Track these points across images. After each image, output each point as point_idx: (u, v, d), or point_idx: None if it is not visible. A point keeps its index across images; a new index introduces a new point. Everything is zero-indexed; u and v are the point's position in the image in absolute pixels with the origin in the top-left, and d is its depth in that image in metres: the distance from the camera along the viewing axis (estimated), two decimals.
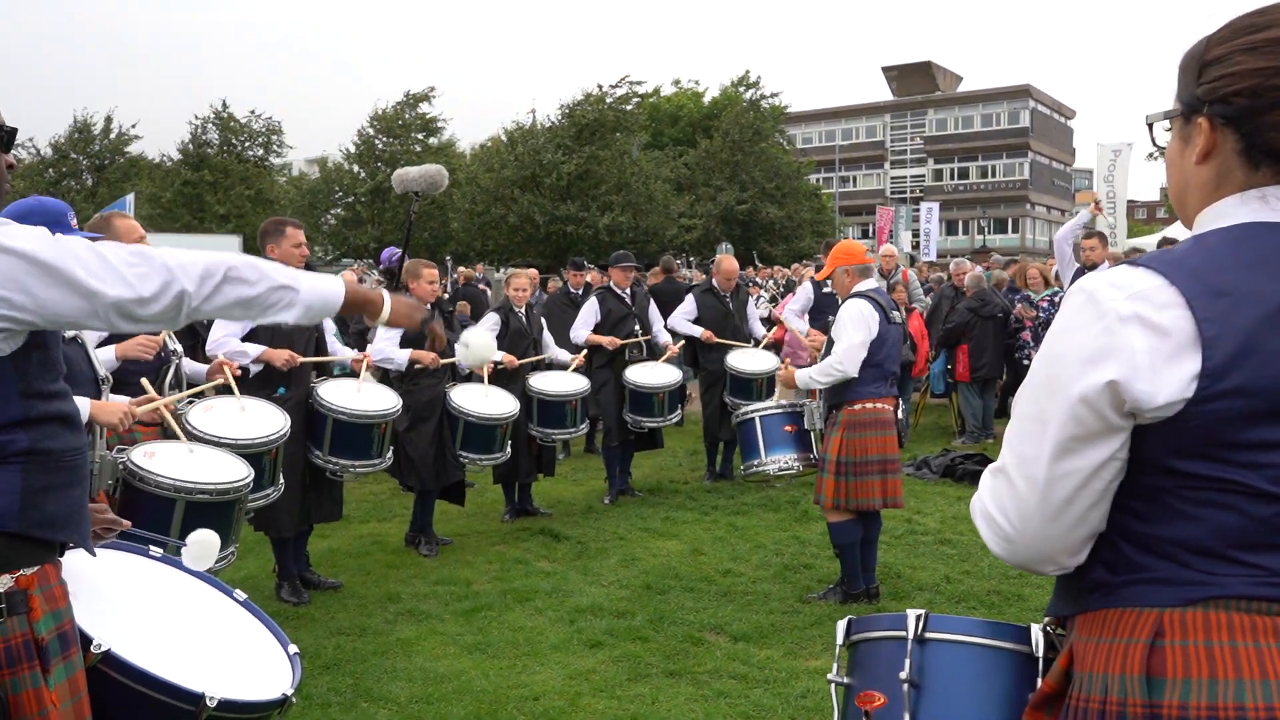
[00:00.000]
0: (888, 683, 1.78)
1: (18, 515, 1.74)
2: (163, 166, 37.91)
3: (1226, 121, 1.31)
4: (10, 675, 1.71)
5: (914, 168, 60.83)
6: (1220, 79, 1.31)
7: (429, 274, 6.31)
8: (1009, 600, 5.14)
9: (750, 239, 36.92)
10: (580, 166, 33.72)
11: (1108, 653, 1.30)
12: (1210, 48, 1.34)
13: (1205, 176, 1.35)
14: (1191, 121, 1.35)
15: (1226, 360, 1.22)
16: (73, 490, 1.85)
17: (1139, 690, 1.25)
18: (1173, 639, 1.25)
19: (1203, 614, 1.25)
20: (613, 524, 6.86)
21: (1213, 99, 1.31)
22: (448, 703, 4.00)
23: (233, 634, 2.44)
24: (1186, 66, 1.37)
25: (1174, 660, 1.24)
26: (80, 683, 1.86)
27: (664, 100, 47.52)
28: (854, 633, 1.92)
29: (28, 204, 3.56)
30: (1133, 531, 1.32)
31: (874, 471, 4.99)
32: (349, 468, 5.28)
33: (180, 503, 3.44)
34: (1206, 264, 1.27)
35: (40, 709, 1.73)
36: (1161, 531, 1.29)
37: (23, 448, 1.74)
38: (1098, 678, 1.30)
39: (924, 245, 29.72)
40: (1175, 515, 1.28)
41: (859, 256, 5.29)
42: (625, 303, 7.76)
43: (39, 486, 1.76)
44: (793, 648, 4.55)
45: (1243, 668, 1.20)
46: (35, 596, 1.76)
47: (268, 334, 5.06)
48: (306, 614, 5.04)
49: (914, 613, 1.79)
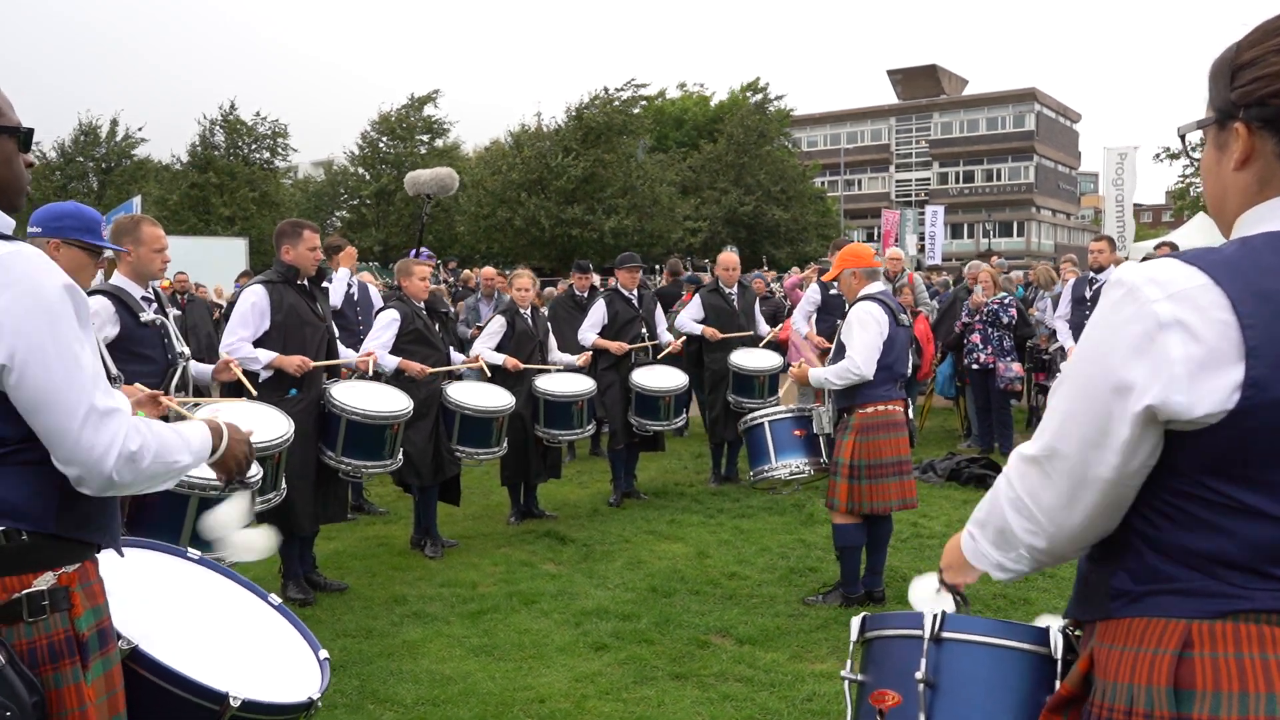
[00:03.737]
0: (903, 682, 1.76)
1: (55, 517, 1.77)
2: (170, 169, 38.02)
3: (1264, 124, 1.28)
4: (53, 670, 1.73)
5: (919, 171, 60.82)
6: (1254, 81, 1.28)
7: (420, 271, 6.34)
8: (1014, 604, 5.13)
9: (755, 242, 36.96)
10: (586, 169, 33.79)
11: (1133, 662, 1.28)
12: (1241, 52, 1.31)
13: (1245, 182, 1.32)
14: (1227, 128, 1.33)
15: (1271, 370, 1.18)
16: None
17: (1166, 702, 1.22)
18: (1201, 650, 1.22)
19: (1232, 626, 1.22)
20: (618, 527, 6.86)
21: (1248, 103, 1.28)
22: (454, 704, 4.00)
23: (264, 636, 2.46)
24: (1218, 73, 1.35)
25: (1203, 672, 1.21)
26: (116, 678, 1.89)
27: (669, 103, 47.58)
28: (868, 630, 1.90)
29: (64, 209, 3.58)
30: (1161, 541, 1.29)
31: (890, 474, 4.98)
32: (361, 468, 5.30)
33: (194, 499, 3.46)
34: (1253, 266, 1.22)
35: (80, 704, 1.75)
36: (1191, 543, 1.26)
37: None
38: (1123, 687, 1.28)
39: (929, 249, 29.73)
40: (1206, 526, 1.25)
41: (867, 259, 5.27)
42: (632, 305, 7.76)
43: (74, 490, 1.78)
44: (798, 651, 4.55)
45: (1274, 681, 1.18)
46: (76, 593, 1.78)
47: (279, 338, 5.08)
48: (312, 616, 5.04)
49: (931, 611, 1.77)
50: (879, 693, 1.80)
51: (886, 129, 62.09)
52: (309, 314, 5.23)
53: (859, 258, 5.26)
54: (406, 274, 6.32)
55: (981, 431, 9.58)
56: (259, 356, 4.97)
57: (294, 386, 5.09)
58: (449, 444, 6.14)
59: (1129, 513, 1.33)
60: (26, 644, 1.71)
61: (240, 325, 5.02)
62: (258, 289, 5.13)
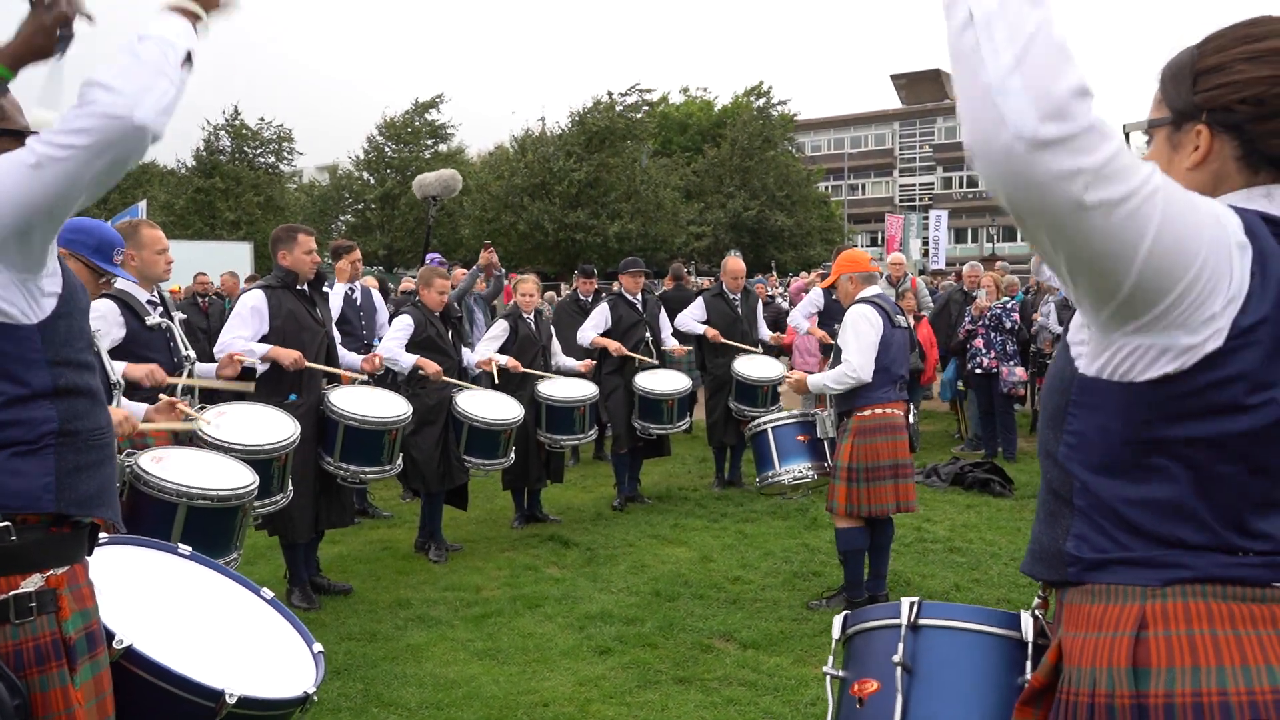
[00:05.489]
0: (882, 669, 1.82)
1: (55, 496, 1.77)
2: (176, 174, 38.09)
3: (1226, 128, 1.33)
4: (39, 673, 1.73)
5: (923, 175, 60.76)
6: (1220, 87, 1.33)
7: (440, 284, 6.36)
8: (1018, 609, 5.12)
9: (759, 246, 36.98)
10: (590, 174, 33.82)
11: (1094, 647, 1.32)
12: (1204, 57, 1.36)
13: (1200, 181, 1.36)
14: (1184, 128, 1.38)
15: (1254, 322, 1.22)
16: (104, 468, 1.87)
17: (1126, 681, 1.27)
18: (1156, 630, 1.28)
19: (1183, 604, 1.27)
20: (622, 531, 6.86)
21: (1213, 107, 1.34)
22: (458, 708, 4.01)
23: (258, 632, 2.47)
24: (1177, 75, 1.39)
25: (1158, 650, 1.27)
26: (105, 681, 1.89)
27: (672, 108, 47.63)
28: (850, 625, 1.96)
29: (85, 224, 3.59)
30: (1118, 499, 1.33)
31: (886, 476, 4.99)
32: (360, 474, 5.31)
33: (182, 508, 3.46)
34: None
35: (66, 707, 1.75)
36: (1143, 496, 1.31)
37: (53, 429, 1.77)
38: (1086, 672, 1.33)
39: (933, 253, 29.72)
40: (1156, 483, 1.30)
41: (863, 265, 5.30)
42: (636, 309, 7.77)
43: (71, 467, 1.79)
44: (802, 655, 4.55)
45: (1224, 655, 1.24)
46: (64, 596, 1.78)
47: (278, 342, 5.09)
48: (317, 619, 5.05)
49: (908, 600, 1.83)
50: (859, 681, 1.85)
51: (890, 133, 62.05)
52: (308, 319, 5.25)
53: (855, 263, 5.30)
54: (427, 283, 6.35)
55: (985, 436, 9.57)
56: (255, 349, 4.98)
57: (293, 391, 5.10)
58: (458, 452, 6.16)
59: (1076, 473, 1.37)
60: (13, 646, 1.71)
61: (239, 326, 5.05)
62: (257, 293, 5.16)
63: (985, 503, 7.65)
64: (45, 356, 1.76)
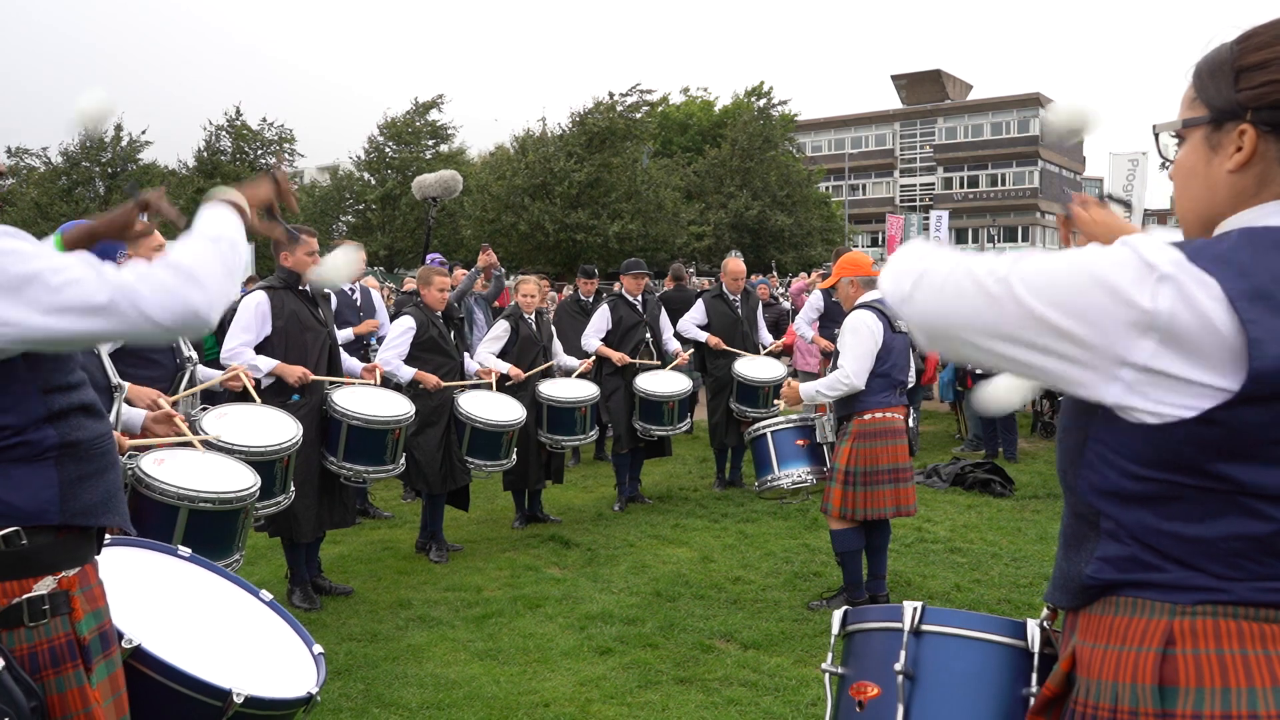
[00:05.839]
0: (882, 674, 1.79)
1: (59, 508, 1.76)
2: (177, 175, 38.12)
3: (1274, 128, 1.25)
4: (55, 675, 1.74)
5: (924, 176, 60.79)
6: (1266, 85, 1.25)
7: (440, 281, 6.36)
8: (1019, 609, 5.13)
9: (760, 246, 36.96)
10: (590, 174, 33.79)
11: (1117, 660, 1.28)
12: (1246, 54, 1.27)
13: (1243, 184, 1.28)
14: (1225, 128, 1.29)
15: (1272, 366, 1.16)
16: (106, 475, 1.87)
17: (1151, 699, 1.23)
18: (1184, 647, 1.23)
19: (1212, 622, 1.23)
20: (623, 531, 6.87)
21: (1259, 105, 1.25)
22: (459, 709, 4.02)
23: (259, 633, 2.48)
24: (1216, 72, 1.31)
25: (1186, 669, 1.22)
26: (120, 680, 1.90)
27: (673, 109, 47.63)
28: (849, 623, 1.93)
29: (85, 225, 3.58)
30: (1146, 528, 1.28)
31: (885, 481, 4.98)
32: (363, 473, 5.32)
33: (183, 510, 3.47)
34: (1255, 263, 1.19)
35: (85, 706, 1.76)
36: (1175, 530, 1.25)
37: (53, 443, 1.76)
38: (1107, 685, 1.28)
39: None
40: (1188, 517, 1.24)
41: (865, 268, 5.29)
42: (637, 310, 7.78)
43: (74, 477, 1.79)
44: (803, 655, 4.56)
45: (1254, 676, 1.19)
46: (77, 597, 1.79)
47: (281, 343, 5.10)
48: (318, 620, 5.06)
49: (911, 605, 1.79)
50: (859, 684, 1.83)
51: (891, 134, 62.08)
52: (310, 320, 5.26)
53: (856, 266, 5.29)
54: (426, 283, 6.35)
55: (985, 436, 9.57)
56: (260, 365, 4.99)
57: (296, 392, 5.12)
58: (460, 453, 6.17)
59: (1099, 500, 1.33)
60: (27, 649, 1.71)
61: (242, 330, 5.05)
62: (259, 294, 5.17)
63: (986, 503, 7.66)
64: (37, 386, 1.75)
